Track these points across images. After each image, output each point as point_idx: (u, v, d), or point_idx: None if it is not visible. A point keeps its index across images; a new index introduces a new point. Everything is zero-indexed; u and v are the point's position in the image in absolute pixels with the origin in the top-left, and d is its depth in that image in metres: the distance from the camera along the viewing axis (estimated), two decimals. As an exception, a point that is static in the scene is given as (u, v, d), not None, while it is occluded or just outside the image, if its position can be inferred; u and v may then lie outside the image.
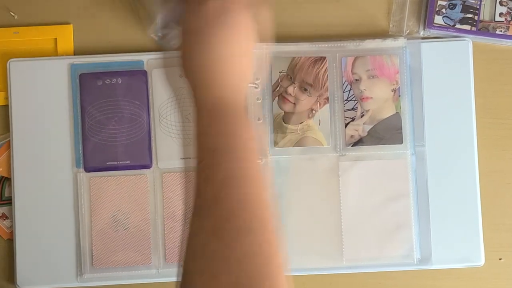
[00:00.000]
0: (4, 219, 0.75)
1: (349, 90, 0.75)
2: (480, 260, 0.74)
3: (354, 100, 0.75)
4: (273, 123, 0.74)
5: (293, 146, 0.74)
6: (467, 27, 0.76)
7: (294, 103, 0.74)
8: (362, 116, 0.74)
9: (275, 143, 0.74)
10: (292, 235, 0.73)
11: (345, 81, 0.75)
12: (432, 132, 0.75)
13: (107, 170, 0.74)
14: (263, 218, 0.43)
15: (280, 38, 0.76)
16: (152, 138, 0.75)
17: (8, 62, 0.75)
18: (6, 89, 0.75)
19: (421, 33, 0.77)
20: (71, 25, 0.77)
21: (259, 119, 0.74)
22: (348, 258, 0.74)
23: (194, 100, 0.47)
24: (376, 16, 0.77)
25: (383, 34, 0.77)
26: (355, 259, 0.74)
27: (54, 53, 0.76)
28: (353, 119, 0.74)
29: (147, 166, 0.74)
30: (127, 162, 0.74)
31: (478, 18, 0.76)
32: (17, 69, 0.75)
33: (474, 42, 0.76)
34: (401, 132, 0.74)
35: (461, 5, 0.76)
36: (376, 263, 0.74)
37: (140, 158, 0.74)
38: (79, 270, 0.74)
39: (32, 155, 0.75)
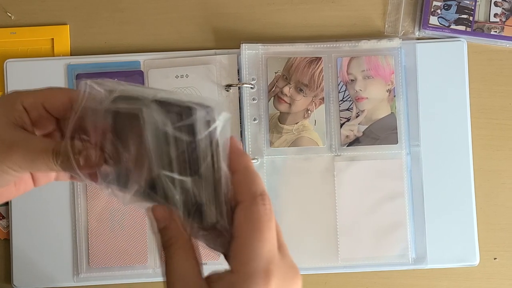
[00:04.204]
0: (1, 219, 0.75)
1: (345, 91, 0.75)
2: (475, 260, 0.75)
3: (350, 101, 0.75)
4: (268, 123, 0.74)
5: (288, 146, 0.74)
6: (462, 27, 0.76)
7: (290, 104, 0.75)
8: (357, 117, 0.75)
9: (271, 143, 0.74)
10: (287, 234, 0.73)
11: (341, 81, 0.75)
12: (427, 132, 0.75)
13: (104, 170, 0.74)
14: None
15: (276, 39, 0.77)
16: (149, 138, 0.75)
17: (5, 62, 0.75)
18: (2, 89, 0.75)
19: (416, 33, 0.77)
20: (68, 25, 0.77)
21: (255, 119, 0.75)
22: (344, 257, 0.74)
23: None
24: (371, 16, 0.78)
25: (379, 35, 0.77)
26: (351, 258, 0.74)
27: (51, 54, 0.77)
28: (348, 119, 0.75)
29: (143, 166, 0.74)
30: (123, 162, 0.74)
31: (473, 18, 0.76)
32: (14, 69, 0.75)
33: (469, 43, 0.76)
34: (396, 132, 0.74)
35: (456, 6, 0.76)
36: (372, 262, 0.74)
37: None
38: (76, 270, 0.74)
39: (29, 155, 0.75)
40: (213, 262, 0.73)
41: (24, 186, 0.48)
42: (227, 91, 0.75)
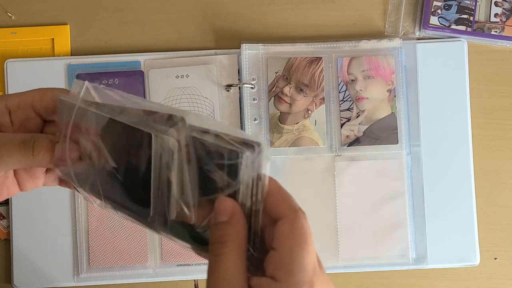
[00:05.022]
0: (1, 219, 0.75)
1: (345, 91, 0.75)
2: (476, 260, 0.75)
3: (350, 101, 0.75)
4: (269, 123, 0.74)
5: (289, 146, 0.74)
6: (463, 27, 0.76)
7: (290, 104, 0.75)
8: (357, 117, 0.75)
9: (271, 143, 0.74)
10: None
11: (341, 81, 0.75)
12: (428, 132, 0.75)
13: (104, 170, 0.74)
14: None
15: (276, 39, 0.76)
16: (149, 138, 0.75)
17: (5, 62, 0.75)
18: (3, 89, 0.75)
19: (417, 33, 0.77)
20: (68, 25, 0.77)
21: (255, 119, 0.75)
22: (344, 257, 0.74)
23: None
24: (371, 16, 0.77)
25: (379, 35, 0.77)
26: (351, 258, 0.74)
27: (51, 54, 0.77)
28: (348, 120, 0.75)
29: (143, 166, 0.74)
30: (123, 162, 0.74)
31: (473, 18, 0.76)
32: (14, 69, 0.75)
33: (469, 43, 0.76)
34: (397, 132, 0.74)
35: (457, 6, 0.76)
36: (372, 262, 0.74)
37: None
38: (76, 270, 0.74)
39: (29, 155, 0.75)
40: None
41: (6, 191, 0.47)
42: (228, 91, 0.75)
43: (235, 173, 0.36)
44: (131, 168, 0.39)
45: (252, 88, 0.75)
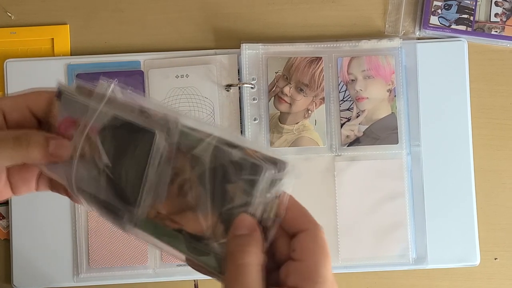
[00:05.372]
0: (1, 219, 0.75)
1: (345, 91, 0.75)
2: (476, 260, 0.75)
3: (350, 101, 0.75)
4: (269, 123, 0.74)
5: (289, 146, 0.74)
6: (463, 27, 0.76)
7: (290, 103, 0.75)
8: (357, 116, 0.75)
9: (271, 143, 0.74)
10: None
11: (341, 81, 0.75)
12: (428, 132, 0.75)
13: (104, 170, 0.74)
14: None
15: (276, 39, 0.76)
16: (149, 138, 0.75)
17: (5, 62, 0.75)
18: (2, 89, 0.75)
19: (417, 33, 0.77)
20: (68, 25, 0.77)
21: (255, 119, 0.75)
22: (344, 257, 0.74)
23: None
24: (372, 16, 0.77)
25: (379, 35, 0.77)
26: (351, 258, 0.74)
27: (51, 54, 0.77)
28: (348, 119, 0.75)
29: (143, 166, 0.74)
30: (123, 162, 0.74)
31: (474, 18, 0.76)
32: (14, 69, 0.75)
33: (469, 43, 0.76)
34: (397, 132, 0.74)
35: (457, 6, 0.76)
36: (372, 262, 0.74)
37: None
38: (76, 270, 0.74)
39: (29, 155, 0.74)
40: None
41: None
42: (228, 91, 0.75)
43: (253, 188, 0.36)
44: (124, 165, 0.39)
45: (252, 88, 0.75)
